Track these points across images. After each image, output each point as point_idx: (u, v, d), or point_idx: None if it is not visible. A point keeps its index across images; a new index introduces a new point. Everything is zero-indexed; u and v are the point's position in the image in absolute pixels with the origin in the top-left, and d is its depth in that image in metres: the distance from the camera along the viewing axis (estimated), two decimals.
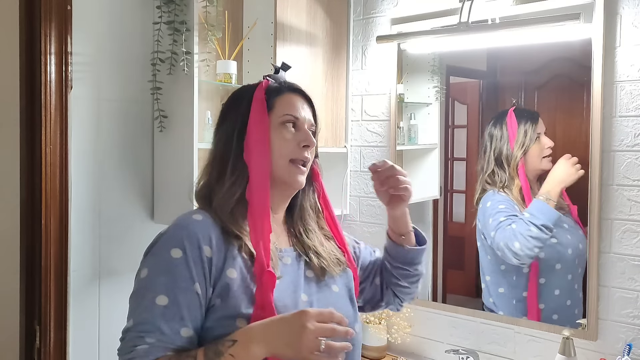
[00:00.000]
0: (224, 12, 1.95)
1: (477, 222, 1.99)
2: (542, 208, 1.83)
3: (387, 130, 2.18)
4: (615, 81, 1.70)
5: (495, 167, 1.95)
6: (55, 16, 1.67)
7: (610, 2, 1.70)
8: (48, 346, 1.68)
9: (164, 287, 1.00)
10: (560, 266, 1.85)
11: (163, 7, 1.79)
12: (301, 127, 1.16)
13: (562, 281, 1.85)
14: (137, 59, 1.88)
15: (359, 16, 2.25)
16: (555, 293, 1.85)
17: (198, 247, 1.03)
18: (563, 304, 1.85)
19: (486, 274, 1.97)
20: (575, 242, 1.84)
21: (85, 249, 1.77)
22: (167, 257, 1.02)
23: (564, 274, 1.85)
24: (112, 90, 1.83)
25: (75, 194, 1.74)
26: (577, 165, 1.78)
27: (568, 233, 1.86)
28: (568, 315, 1.83)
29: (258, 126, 1.12)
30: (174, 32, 1.78)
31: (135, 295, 1.03)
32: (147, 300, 1.00)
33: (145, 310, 0.99)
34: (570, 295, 1.84)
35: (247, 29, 2.04)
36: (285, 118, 1.14)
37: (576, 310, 1.83)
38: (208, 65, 1.94)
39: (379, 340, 2.08)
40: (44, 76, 1.66)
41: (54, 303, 1.69)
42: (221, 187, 1.12)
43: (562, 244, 1.85)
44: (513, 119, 1.91)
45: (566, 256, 1.85)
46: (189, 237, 1.03)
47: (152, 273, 1.03)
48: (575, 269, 1.85)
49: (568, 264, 1.85)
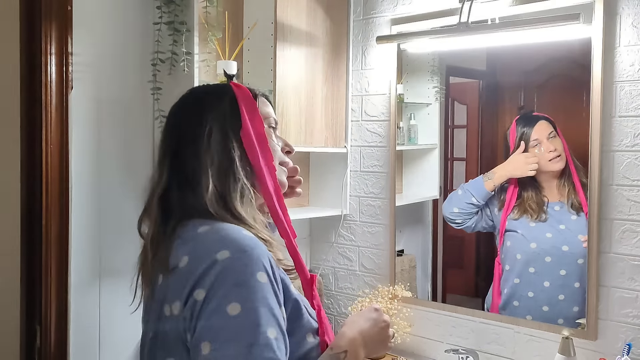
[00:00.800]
0: (224, 12, 1.95)
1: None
2: (476, 180, 2.02)
3: (387, 131, 2.18)
4: (615, 81, 1.71)
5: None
6: (55, 16, 1.67)
7: (610, 2, 1.70)
8: (48, 346, 1.68)
9: (268, 318, 0.88)
10: (550, 259, 1.90)
11: (163, 8, 1.79)
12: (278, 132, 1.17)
13: (553, 275, 1.89)
14: (137, 59, 1.88)
15: (359, 16, 2.25)
16: (545, 285, 1.90)
17: (271, 266, 0.93)
18: (555, 297, 1.88)
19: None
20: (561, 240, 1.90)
21: (85, 249, 1.77)
22: (256, 285, 0.89)
23: (557, 268, 1.89)
24: (112, 90, 1.83)
25: (75, 194, 1.74)
26: (533, 165, 1.92)
27: (561, 232, 1.90)
28: (559, 309, 1.86)
29: (259, 127, 1.09)
30: (174, 33, 1.78)
31: (235, 337, 0.85)
32: (262, 338, 0.86)
33: (264, 349, 0.86)
34: (563, 290, 1.87)
35: (247, 29, 2.05)
36: (271, 121, 1.14)
37: (575, 307, 1.84)
38: (208, 65, 1.94)
39: None
40: (44, 76, 1.65)
41: (54, 303, 1.69)
42: (233, 196, 1.01)
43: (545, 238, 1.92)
44: (513, 130, 1.96)
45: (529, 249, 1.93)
46: (264, 256, 0.92)
47: (250, 306, 0.88)
48: (568, 265, 1.88)
49: (559, 259, 1.89)
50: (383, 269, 2.20)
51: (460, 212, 2.03)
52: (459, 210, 2.04)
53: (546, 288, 1.88)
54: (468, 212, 2.02)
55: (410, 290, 2.14)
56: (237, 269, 0.89)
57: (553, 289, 1.87)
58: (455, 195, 2.05)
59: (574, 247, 1.84)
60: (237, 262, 0.89)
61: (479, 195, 2.00)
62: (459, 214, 2.04)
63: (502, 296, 1.95)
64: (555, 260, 1.88)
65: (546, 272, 1.88)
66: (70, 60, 1.70)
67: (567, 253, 1.86)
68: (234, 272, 0.89)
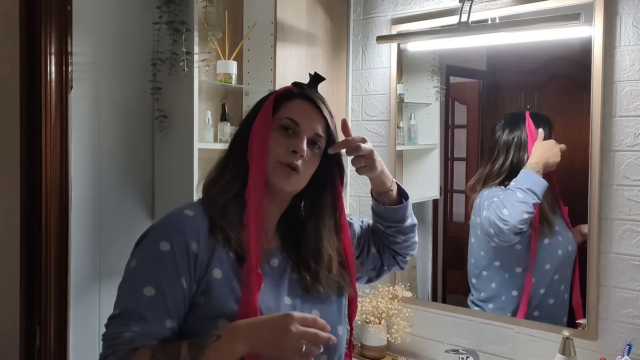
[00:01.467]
0: (224, 12, 1.95)
1: (472, 216, 1.99)
2: (528, 175, 1.86)
3: (387, 130, 2.18)
4: (615, 81, 1.70)
5: (510, 173, 1.92)
6: (55, 16, 1.67)
7: (610, 2, 1.70)
8: (48, 346, 1.68)
9: (152, 278, 1.03)
10: (549, 267, 1.89)
11: (163, 7, 1.79)
12: (300, 133, 1.14)
13: (549, 281, 1.88)
14: (137, 59, 1.88)
15: (359, 16, 2.25)
16: (541, 292, 1.88)
17: (185, 242, 1.05)
18: (546, 302, 1.88)
19: (482, 269, 1.99)
20: (565, 244, 1.88)
21: (85, 249, 1.77)
22: (155, 250, 1.04)
23: (552, 274, 1.89)
24: (112, 90, 1.83)
25: (75, 194, 1.74)
26: (562, 145, 1.85)
27: (559, 235, 1.89)
28: (550, 313, 1.87)
29: (260, 127, 1.13)
30: (174, 32, 1.78)
31: (124, 284, 1.06)
32: (135, 289, 1.03)
33: (132, 299, 1.02)
34: (556, 295, 1.88)
35: (247, 29, 2.04)
36: (283, 121, 1.14)
37: (560, 310, 1.86)
38: (208, 65, 1.94)
39: (379, 340, 2.08)
40: (44, 76, 1.65)
41: (54, 303, 1.69)
42: (220, 181, 1.14)
43: (553, 245, 1.89)
44: (532, 125, 1.91)
45: (556, 257, 1.88)
46: (177, 231, 1.06)
47: (141, 264, 1.05)
48: (563, 270, 1.88)
49: (556, 265, 1.89)
50: None
51: (529, 216, 1.84)
52: (528, 216, 1.83)
53: (561, 291, 1.88)
54: (533, 214, 1.85)
55: (410, 291, 2.14)
56: (149, 235, 1.08)
57: (565, 289, 1.87)
58: (515, 199, 1.84)
59: (572, 246, 1.88)
60: (152, 229, 1.08)
61: (541, 191, 1.83)
62: (527, 219, 1.84)
63: (528, 308, 1.90)
64: (567, 262, 1.88)
65: (564, 276, 1.88)
66: (70, 60, 1.70)
67: (572, 253, 1.87)
68: (146, 236, 1.08)
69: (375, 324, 2.08)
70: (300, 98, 1.17)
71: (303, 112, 1.15)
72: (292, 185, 1.15)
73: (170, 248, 1.04)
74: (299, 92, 1.18)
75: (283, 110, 1.15)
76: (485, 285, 1.98)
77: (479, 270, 1.99)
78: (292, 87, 1.20)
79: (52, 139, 1.67)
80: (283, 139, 1.13)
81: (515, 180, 1.88)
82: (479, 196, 1.97)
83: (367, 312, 2.08)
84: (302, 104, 1.17)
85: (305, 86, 1.20)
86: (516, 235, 1.86)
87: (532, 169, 1.86)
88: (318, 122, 1.16)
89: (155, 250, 1.04)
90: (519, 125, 1.92)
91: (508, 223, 1.84)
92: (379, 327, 2.08)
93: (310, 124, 1.15)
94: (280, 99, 1.16)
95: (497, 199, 1.90)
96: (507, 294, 1.93)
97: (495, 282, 1.96)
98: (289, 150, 1.12)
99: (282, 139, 1.13)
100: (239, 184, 1.13)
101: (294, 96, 1.17)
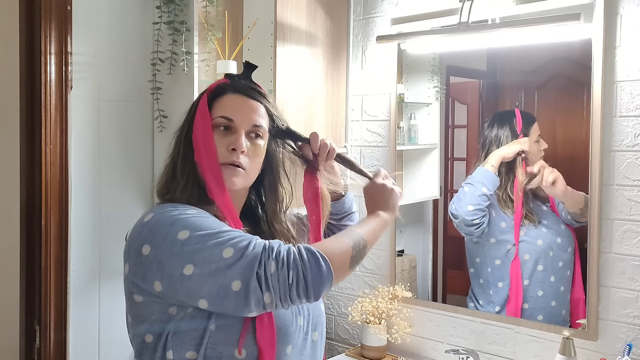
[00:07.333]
0: (224, 12, 1.95)
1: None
2: (478, 171, 1.98)
3: (387, 130, 2.18)
4: (615, 81, 1.70)
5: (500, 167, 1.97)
6: (55, 16, 1.67)
7: (610, 2, 1.70)
8: (48, 346, 1.68)
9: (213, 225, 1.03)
10: (528, 257, 1.93)
11: (163, 7, 1.79)
12: (236, 129, 1.12)
13: (530, 272, 1.92)
14: (137, 59, 1.88)
15: (359, 16, 2.25)
16: (525, 283, 1.92)
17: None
18: (534, 294, 1.91)
19: (470, 267, 2.05)
20: (550, 236, 1.92)
21: (85, 249, 1.78)
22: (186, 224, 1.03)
23: (532, 264, 1.92)
24: (112, 90, 1.83)
25: (75, 194, 1.74)
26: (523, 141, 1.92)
27: (544, 227, 1.93)
28: (542, 307, 1.89)
29: (202, 128, 1.11)
30: (174, 32, 1.78)
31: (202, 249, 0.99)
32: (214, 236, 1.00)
33: (228, 235, 1.01)
34: (555, 296, 1.90)
35: (247, 29, 2.04)
36: (217, 120, 1.12)
37: (563, 311, 1.88)
38: (208, 65, 1.94)
39: (379, 340, 2.08)
40: (44, 76, 1.66)
41: (54, 303, 1.69)
42: (174, 186, 1.12)
43: (532, 236, 1.94)
44: (520, 119, 1.94)
45: (536, 247, 1.93)
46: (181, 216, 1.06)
47: (195, 227, 1.02)
48: (552, 263, 1.91)
49: (537, 256, 1.92)
50: (383, 269, 2.20)
51: (476, 209, 1.96)
52: (474, 208, 1.96)
53: (553, 283, 1.90)
54: (482, 208, 1.95)
55: (410, 291, 2.14)
56: (164, 226, 1.04)
57: (557, 282, 1.90)
58: (462, 192, 1.99)
59: (565, 238, 1.91)
60: (164, 218, 1.06)
61: (488, 182, 1.94)
62: (474, 211, 1.96)
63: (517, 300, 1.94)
64: (556, 253, 1.91)
65: (551, 267, 1.91)
66: (70, 60, 1.70)
67: (561, 244, 1.91)
68: (162, 227, 1.04)
69: (375, 324, 2.08)
70: (232, 92, 1.15)
71: (235, 107, 1.13)
72: (241, 182, 1.13)
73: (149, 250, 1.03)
74: (229, 86, 1.16)
75: (215, 109, 1.13)
76: (474, 281, 2.05)
77: (469, 267, 2.06)
78: (224, 80, 1.17)
79: (52, 139, 1.67)
80: (221, 138, 1.11)
81: (470, 176, 2.01)
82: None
83: (367, 312, 2.08)
84: (234, 98, 1.14)
85: (237, 77, 1.18)
86: (470, 227, 1.98)
87: (481, 164, 1.98)
88: (254, 112, 1.14)
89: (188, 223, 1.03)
90: (503, 123, 1.96)
91: (458, 216, 1.99)
92: (379, 327, 2.07)
93: (246, 117, 1.13)
94: (213, 97, 1.14)
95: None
96: (494, 287, 1.97)
97: (482, 278, 2.01)
98: (229, 149, 1.10)
99: (220, 138, 1.11)
100: (196, 186, 1.11)
101: (224, 91, 1.15)
